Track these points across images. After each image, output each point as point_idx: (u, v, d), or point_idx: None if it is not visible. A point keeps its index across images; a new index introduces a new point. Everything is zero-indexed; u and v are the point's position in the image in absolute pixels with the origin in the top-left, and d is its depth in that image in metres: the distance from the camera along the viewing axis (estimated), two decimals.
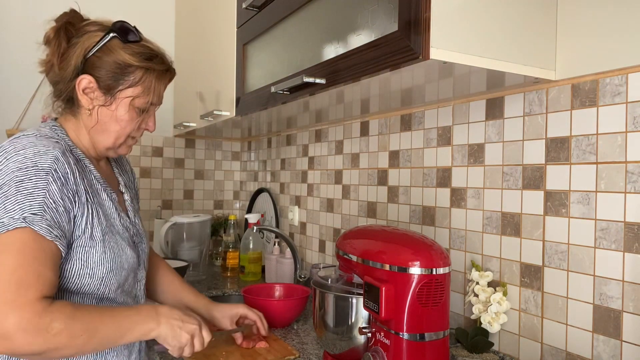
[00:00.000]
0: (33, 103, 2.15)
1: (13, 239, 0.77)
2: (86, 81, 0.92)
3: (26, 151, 0.83)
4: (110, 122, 0.95)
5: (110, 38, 0.93)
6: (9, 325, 0.74)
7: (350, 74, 1.00)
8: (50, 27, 0.94)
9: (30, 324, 0.75)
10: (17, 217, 0.78)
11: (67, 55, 0.92)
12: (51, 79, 0.96)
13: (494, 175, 1.15)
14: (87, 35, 0.93)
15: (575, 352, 0.97)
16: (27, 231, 0.78)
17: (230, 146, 2.64)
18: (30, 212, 0.79)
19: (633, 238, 0.88)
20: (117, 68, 0.92)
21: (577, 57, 0.97)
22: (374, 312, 0.92)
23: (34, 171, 0.81)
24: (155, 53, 0.97)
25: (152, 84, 0.96)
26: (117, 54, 0.92)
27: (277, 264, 1.83)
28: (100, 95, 0.93)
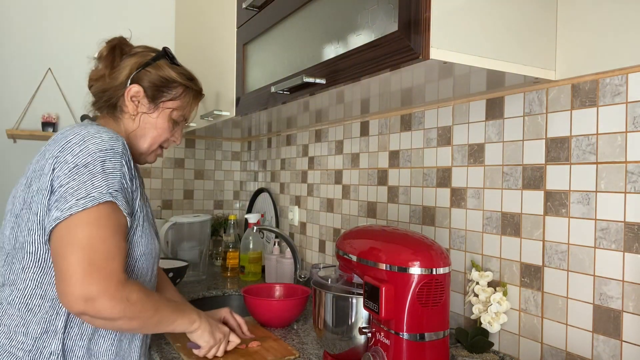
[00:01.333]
0: (33, 103, 2.15)
1: (101, 212, 0.87)
2: (135, 89, 1.06)
3: (102, 135, 0.93)
4: (149, 128, 1.09)
5: (160, 58, 1.10)
6: (96, 289, 0.83)
7: (350, 74, 1.00)
8: (104, 46, 1.08)
9: (115, 290, 0.85)
10: (105, 192, 0.88)
11: (120, 68, 1.07)
12: (97, 89, 1.08)
13: (494, 175, 1.15)
14: (139, 54, 1.09)
15: (575, 352, 0.97)
16: (113, 206, 0.89)
17: (230, 146, 2.64)
18: (113, 188, 0.89)
19: (633, 238, 0.88)
20: (163, 82, 1.08)
21: (577, 57, 0.97)
22: (374, 312, 0.92)
23: (112, 153, 0.92)
24: (194, 76, 1.16)
25: (189, 100, 1.14)
26: (165, 70, 1.09)
27: (277, 264, 1.83)
28: (145, 103, 1.07)
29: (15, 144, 2.16)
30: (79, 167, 0.88)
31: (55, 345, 0.92)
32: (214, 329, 1.08)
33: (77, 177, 0.87)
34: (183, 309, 1.03)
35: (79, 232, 0.85)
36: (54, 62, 2.19)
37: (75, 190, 0.86)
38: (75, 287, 0.83)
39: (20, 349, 0.92)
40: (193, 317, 1.04)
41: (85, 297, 0.83)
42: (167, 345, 1.21)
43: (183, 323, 1.02)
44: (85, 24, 2.26)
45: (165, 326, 0.98)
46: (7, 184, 2.11)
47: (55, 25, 2.21)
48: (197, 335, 1.06)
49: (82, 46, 2.23)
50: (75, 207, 0.85)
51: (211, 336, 1.07)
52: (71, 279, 0.83)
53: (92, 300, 0.83)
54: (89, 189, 0.87)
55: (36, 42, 2.18)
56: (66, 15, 2.23)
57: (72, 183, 0.87)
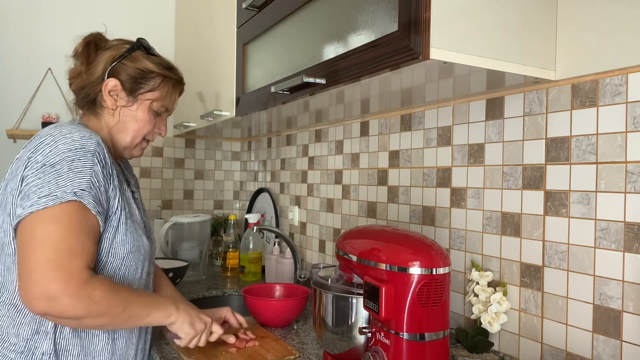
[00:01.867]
0: (33, 103, 2.16)
1: (64, 211, 0.86)
2: (112, 83, 1.04)
3: (73, 135, 0.92)
4: (130, 121, 1.07)
5: (136, 49, 1.08)
6: (57, 288, 0.81)
7: (350, 74, 1.00)
8: (79, 42, 1.07)
9: (76, 289, 0.83)
10: (68, 191, 0.86)
11: (95, 63, 1.06)
12: (77, 86, 1.07)
13: (494, 175, 1.15)
14: (114, 47, 1.07)
15: (575, 352, 0.97)
16: (77, 204, 0.88)
17: (230, 146, 2.64)
18: (79, 187, 0.88)
19: (633, 238, 0.88)
20: (140, 73, 1.06)
21: (577, 57, 0.97)
22: (374, 312, 0.92)
23: (82, 152, 0.91)
24: (172, 65, 1.13)
25: (169, 90, 1.11)
26: (141, 62, 1.07)
27: (277, 264, 1.83)
28: (124, 96, 1.06)
29: (15, 144, 2.16)
30: (46, 167, 0.88)
31: (47, 345, 0.92)
32: (194, 320, 1.05)
33: (43, 176, 0.87)
34: (158, 302, 1.00)
35: (38, 230, 0.84)
36: (54, 62, 2.19)
37: (39, 188, 0.86)
38: (34, 286, 0.81)
39: (13, 350, 0.92)
40: (169, 310, 1.01)
41: (45, 296, 0.81)
42: (167, 345, 1.21)
43: (158, 316, 0.99)
44: (85, 24, 2.25)
45: (138, 320, 0.96)
46: None
47: (55, 25, 2.21)
48: (177, 327, 1.03)
49: None
50: (36, 204, 0.85)
51: (191, 327, 1.04)
52: (30, 278, 0.82)
53: (53, 299, 0.81)
54: (52, 187, 0.86)
55: (36, 42, 2.18)
56: (66, 16, 2.23)
57: (36, 181, 0.87)
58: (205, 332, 1.08)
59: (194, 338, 1.06)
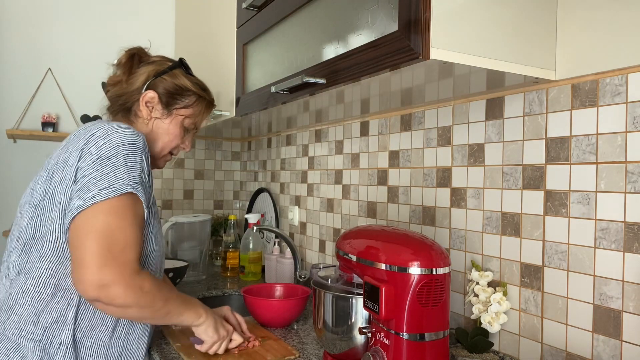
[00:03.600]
0: (33, 103, 2.16)
1: (122, 203, 0.90)
2: (150, 95, 1.10)
3: (124, 130, 0.95)
4: (162, 133, 1.13)
5: (177, 67, 1.15)
6: (110, 276, 0.86)
7: (350, 74, 1.00)
8: (124, 53, 1.13)
9: (129, 279, 0.87)
10: (126, 184, 0.90)
11: (137, 74, 1.12)
12: (114, 93, 1.13)
13: (494, 175, 1.15)
14: (157, 63, 1.14)
15: (575, 352, 0.97)
16: (133, 197, 0.92)
17: (230, 146, 2.64)
18: (134, 181, 0.92)
19: (633, 238, 0.88)
20: (178, 89, 1.12)
21: (577, 57, 0.97)
22: (373, 312, 0.92)
23: (134, 148, 0.95)
24: (207, 87, 1.20)
25: (201, 110, 1.17)
26: (180, 79, 1.14)
27: (277, 264, 1.83)
28: (159, 108, 1.11)
29: (15, 144, 2.16)
30: (102, 159, 0.90)
31: (65, 335, 0.94)
32: (218, 325, 1.10)
33: (101, 168, 0.90)
34: (191, 303, 1.05)
35: (99, 221, 0.87)
36: (54, 62, 2.19)
37: (98, 180, 0.89)
38: (90, 274, 0.85)
39: (30, 339, 0.93)
40: (200, 312, 1.06)
41: (99, 283, 0.85)
42: (167, 345, 1.21)
43: (190, 316, 1.04)
44: (85, 24, 2.26)
45: (173, 318, 1.01)
46: (7, 184, 2.11)
47: (55, 25, 2.21)
48: (202, 330, 1.07)
49: (82, 46, 2.23)
50: (98, 196, 0.88)
51: (215, 332, 1.08)
52: (87, 266, 0.85)
53: (106, 287, 0.85)
54: (112, 179, 0.89)
55: (36, 42, 2.18)
56: (66, 16, 2.23)
57: (95, 174, 0.89)
58: (227, 339, 1.12)
59: (215, 343, 1.09)
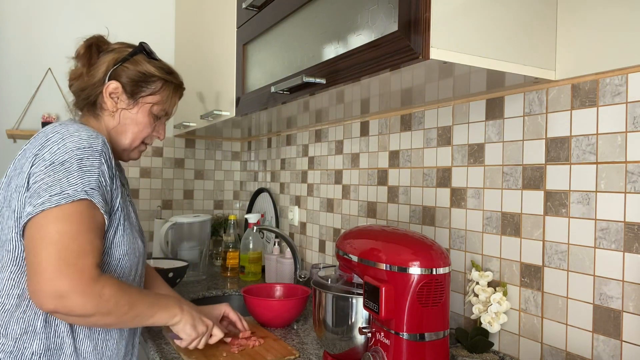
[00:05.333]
0: (33, 103, 2.15)
1: (75, 209, 0.86)
2: (114, 86, 1.05)
3: (80, 133, 0.92)
4: (130, 124, 1.08)
5: (138, 53, 1.09)
6: (67, 286, 0.82)
7: (350, 74, 1.00)
8: (81, 44, 1.07)
9: (86, 287, 0.84)
10: (79, 190, 0.87)
11: (97, 65, 1.06)
12: (77, 87, 1.08)
13: (494, 175, 1.15)
14: (116, 50, 1.08)
15: (575, 352, 0.97)
16: (88, 203, 0.88)
17: (230, 146, 2.64)
18: (89, 186, 0.89)
19: (633, 238, 0.88)
20: (141, 77, 1.07)
21: (577, 57, 0.97)
22: (374, 312, 0.92)
23: (90, 151, 0.91)
24: (173, 70, 1.14)
25: (169, 94, 1.12)
26: (143, 65, 1.08)
27: (277, 264, 1.83)
28: (124, 99, 1.07)
29: (15, 144, 2.16)
30: (55, 165, 0.88)
31: (36, 345, 0.91)
32: (196, 322, 1.06)
33: (53, 174, 0.87)
34: (163, 303, 1.01)
35: (50, 228, 0.84)
36: (54, 62, 2.19)
37: (50, 186, 0.86)
38: (45, 284, 0.82)
39: (2, 350, 0.91)
40: (174, 311, 1.02)
41: (55, 293, 0.82)
42: (167, 345, 1.21)
43: (163, 317, 1.00)
44: (85, 24, 2.26)
45: (143, 320, 0.97)
46: None
47: (55, 25, 2.21)
48: (179, 328, 1.04)
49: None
50: (48, 202, 0.84)
51: (193, 329, 1.05)
52: (41, 276, 0.82)
53: (63, 297, 0.82)
54: (64, 186, 0.86)
55: (36, 42, 2.18)
56: (66, 16, 2.23)
57: (47, 179, 0.86)
58: (206, 334, 1.09)
59: (194, 340, 1.07)
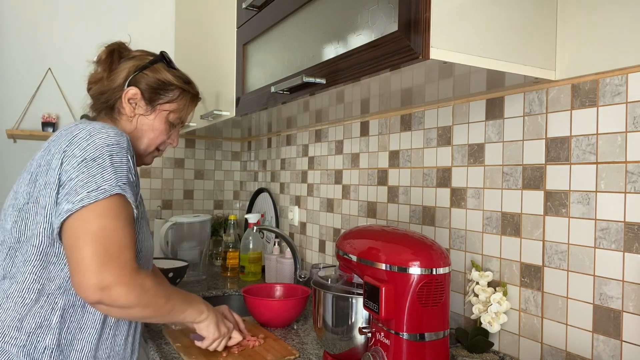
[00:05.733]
0: (33, 103, 2.16)
1: (112, 204, 0.89)
2: (133, 91, 1.08)
3: (108, 131, 0.94)
4: (146, 130, 1.11)
5: (158, 61, 1.12)
6: (111, 278, 0.85)
7: (350, 74, 1.00)
8: (103, 50, 1.11)
9: (129, 278, 0.87)
10: (114, 185, 0.89)
11: (117, 71, 1.09)
12: (96, 91, 1.10)
13: (494, 175, 1.15)
14: (137, 58, 1.11)
15: (575, 352, 0.97)
16: (122, 198, 0.91)
17: (230, 146, 2.64)
18: (122, 181, 0.91)
19: (633, 238, 0.88)
20: (160, 84, 1.10)
21: (577, 57, 0.97)
22: (373, 312, 0.92)
23: (118, 148, 0.93)
24: (190, 80, 1.18)
25: (186, 103, 1.16)
26: (162, 73, 1.11)
27: (277, 264, 1.83)
28: (142, 105, 1.10)
29: (15, 144, 2.16)
30: (87, 161, 0.89)
31: (50, 339, 0.93)
32: (220, 322, 1.10)
33: (87, 170, 0.89)
34: (192, 299, 1.06)
35: (92, 224, 0.86)
36: (54, 62, 2.19)
37: (86, 183, 0.88)
38: (91, 277, 0.84)
39: (14, 344, 0.92)
40: (202, 308, 1.07)
41: (101, 285, 0.84)
42: (167, 345, 1.21)
43: (192, 313, 1.04)
44: (85, 24, 2.26)
45: (176, 315, 1.01)
46: (7, 184, 2.11)
47: (55, 25, 2.21)
48: (204, 326, 1.07)
49: (82, 46, 2.23)
50: (87, 199, 0.87)
51: (217, 329, 1.09)
52: (87, 269, 0.85)
53: (108, 288, 0.85)
54: (99, 181, 0.88)
55: (36, 42, 2.18)
56: (66, 15, 2.23)
57: (81, 176, 0.88)
58: (227, 336, 1.12)
59: (216, 340, 1.10)
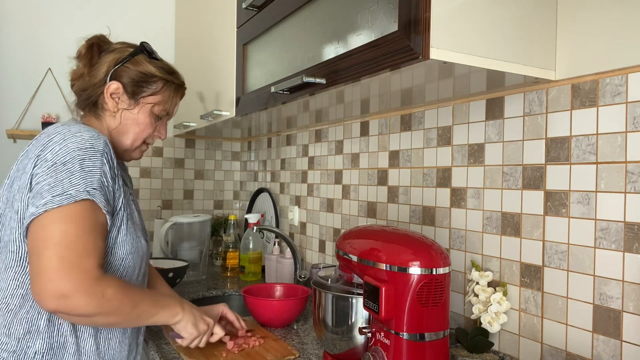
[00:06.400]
0: (33, 103, 2.15)
1: (77, 210, 0.86)
2: (114, 86, 1.05)
3: (82, 134, 0.92)
4: (131, 124, 1.08)
5: (139, 53, 1.09)
6: (70, 286, 0.82)
7: (350, 74, 1.00)
8: (82, 44, 1.08)
9: (89, 287, 0.84)
10: (81, 190, 0.87)
11: (98, 65, 1.06)
12: (78, 87, 1.08)
13: (494, 175, 1.15)
14: (117, 50, 1.08)
15: (575, 352, 0.97)
16: (90, 203, 0.88)
17: (230, 146, 2.64)
18: (91, 186, 0.89)
19: (633, 238, 0.88)
20: (142, 77, 1.07)
21: (577, 57, 0.97)
22: (374, 312, 0.92)
23: (92, 151, 0.91)
24: (174, 70, 1.14)
25: (170, 94, 1.12)
26: (144, 65, 1.08)
27: (277, 264, 1.83)
28: (125, 99, 1.07)
29: (15, 144, 2.16)
30: (57, 165, 0.88)
31: (39, 344, 0.92)
32: (197, 321, 1.07)
33: (55, 174, 0.87)
34: (165, 302, 1.02)
35: (53, 229, 0.84)
36: (54, 62, 2.19)
37: (52, 187, 0.86)
38: (48, 284, 0.82)
39: (5, 350, 0.91)
40: (175, 310, 1.03)
41: (58, 293, 0.82)
42: (166, 345, 1.21)
43: (165, 315, 1.01)
44: (85, 24, 2.26)
45: (146, 319, 0.98)
46: None
47: (55, 25, 2.21)
48: (181, 327, 1.05)
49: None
50: (50, 203, 0.85)
51: (194, 328, 1.06)
52: (44, 276, 0.82)
53: (66, 297, 0.82)
54: (66, 186, 0.86)
55: (36, 42, 2.18)
56: (66, 15, 2.23)
57: (49, 180, 0.87)
58: (207, 333, 1.10)
59: (196, 338, 1.08)
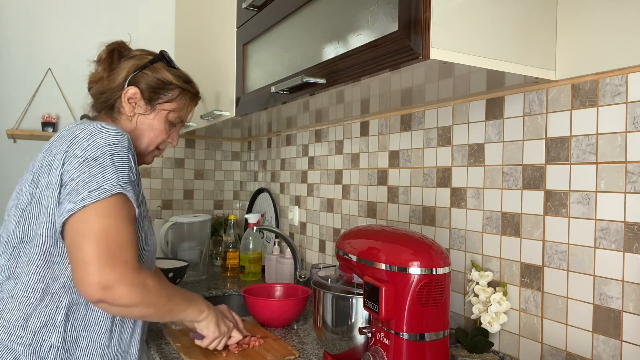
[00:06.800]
0: (33, 103, 2.16)
1: (113, 203, 0.89)
2: (132, 91, 1.09)
3: (108, 130, 0.95)
4: (146, 129, 1.11)
5: (158, 61, 1.13)
6: (113, 277, 0.85)
7: (350, 74, 1.00)
8: (103, 49, 1.12)
9: (132, 278, 0.87)
10: (115, 184, 0.90)
11: (117, 70, 1.10)
12: (96, 90, 1.11)
13: (494, 175, 1.15)
14: (137, 57, 1.12)
15: (575, 352, 0.97)
16: (123, 197, 0.91)
17: (230, 146, 2.64)
18: (123, 181, 0.92)
19: (633, 238, 0.88)
20: (160, 84, 1.11)
21: (577, 57, 0.97)
22: (374, 312, 0.92)
23: (120, 147, 0.94)
24: (191, 79, 1.18)
25: (186, 103, 1.16)
26: (162, 73, 1.12)
27: (277, 264, 1.83)
28: (142, 104, 1.10)
29: (15, 144, 2.16)
30: (88, 161, 0.90)
31: (55, 338, 0.93)
32: (220, 321, 1.10)
33: (88, 170, 0.89)
34: (193, 298, 1.06)
35: (94, 223, 0.87)
36: (54, 62, 2.19)
37: (87, 182, 0.88)
38: (93, 276, 0.84)
39: (20, 343, 0.92)
40: (202, 307, 1.07)
41: (103, 284, 0.85)
42: (167, 345, 1.21)
43: (193, 312, 1.05)
44: (85, 24, 2.26)
45: (176, 314, 1.01)
46: (7, 184, 2.11)
47: (55, 25, 2.21)
48: (204, 325, 1.08)
49: (82, 46, 2.23)
50: (88, 198, 0.87)
51: (217, 328, 1.09)
52: (89, 268, 0.85)
53: (111, 287, 0.85)
54: (100, 181, 0.89)
55: (36, 42, 2.18)
56: (66, 16, 2.23)
57: (82, 176, 0.89)
58: (227, 335, 1.13)
59: (216, 339, 1.10)
